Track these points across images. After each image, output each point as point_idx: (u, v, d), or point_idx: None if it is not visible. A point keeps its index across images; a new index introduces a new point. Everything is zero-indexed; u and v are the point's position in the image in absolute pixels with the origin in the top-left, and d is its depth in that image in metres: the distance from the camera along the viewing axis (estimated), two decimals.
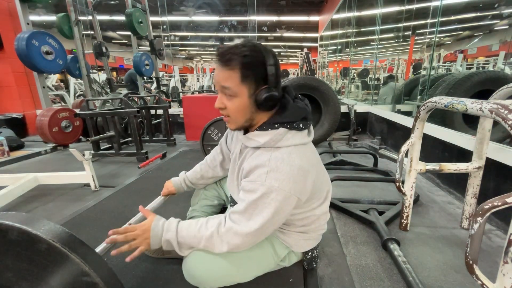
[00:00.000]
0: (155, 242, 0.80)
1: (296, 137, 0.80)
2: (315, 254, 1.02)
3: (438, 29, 2.60)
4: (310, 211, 0.89)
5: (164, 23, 8.32)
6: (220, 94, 0.79)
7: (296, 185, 0.75)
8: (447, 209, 1.56)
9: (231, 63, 0.73)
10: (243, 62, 0.73)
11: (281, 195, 0.73)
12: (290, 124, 0.80)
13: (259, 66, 0.75)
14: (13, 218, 0.57)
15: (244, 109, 0.78)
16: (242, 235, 0.75)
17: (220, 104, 0.79)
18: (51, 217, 1.55)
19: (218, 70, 0.77)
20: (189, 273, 0.84)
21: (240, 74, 0.74)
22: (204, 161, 1.20)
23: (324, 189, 0.92)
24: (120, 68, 16.54)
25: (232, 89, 0.75)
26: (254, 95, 0.77)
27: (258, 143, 0.80)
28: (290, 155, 0.76)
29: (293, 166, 0.75)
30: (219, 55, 0.75)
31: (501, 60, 4.18)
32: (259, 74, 0.75)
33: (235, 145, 0.98)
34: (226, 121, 0.83)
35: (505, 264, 0.67)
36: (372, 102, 4.39)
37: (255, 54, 0.74)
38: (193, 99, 3.34)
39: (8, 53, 3.64)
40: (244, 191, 0.78)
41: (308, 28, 13.72)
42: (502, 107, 0.78)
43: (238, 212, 0.77)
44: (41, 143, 3.18)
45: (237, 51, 0.73)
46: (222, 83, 0.76)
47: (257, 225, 0.74)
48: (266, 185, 0.73)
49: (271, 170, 0.74)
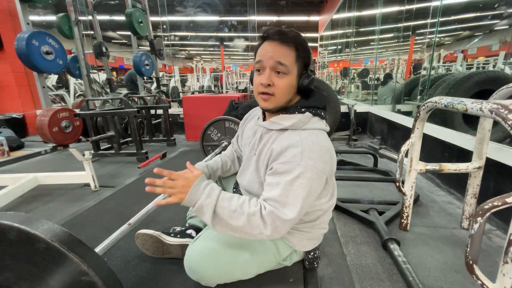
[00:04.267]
0: (190, 201, 0.75)
1: (320, 123, 0.84)
2: (317, 255, 1.02)
3: (438, 29, 2.60)
4: (319, 205, 0.89)
5: (164, 23, 8.32)
6: (270, 71, 0.79)
7: (325, 164, 0.78)
8: (447, 209, 1.55)
9: (291, 41, 0.78)
10: (299, 44, 0.79)
11: (315, 173, 0.74)
12: (314, 110, 0.84)
13: (307, 53, 0.81)
14: (12, 218, 0.57)
15: (290, 87, 0.81)
16: (285, 221, 0.72)
17: (268, 81, 0.78)
18: (51, 217, 1.55)
19: (274, 46, 0.78)
20: (191, 268, 0.84)
21: (295, 54, 0.79)
22: (223, 155, 1.18)
23: (332, 184, 0.93)
24: (120, 68, 16.55)
25: (288, 66, 0.78)
26: (299, 77, 0.82)
27: (284, 125, 0.82)
28: (318, 136, 0.80)
29: (322, 146, 0.78)
30: (279, 33, 0.78)
31: (501, 60, 4.18)
32: (306, 58, 0.81)
33: (248, 135, 0.99)
34: (265, 99, 0.81)
35: (505, 264, 0.67)
36: (372, 102, 4.39)
37: (305, 42, 0.81)
38: (193, 99, 3.34)
39: (8, 53, 3.64)
40: (277, 174, 0.76)
41: (308, 28, 13.73)
42: (502, 107, 0.78)
43: (273, 197, 0.74)
44: (41, 143, 3.18)
45: (294, 34, 0.79)
46: (279, 59, 0.77)
47: (298, 208, 0.73)
48: (302, 164, 0.73)
49: (304, 150, 0.75)
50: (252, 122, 1.03)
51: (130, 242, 1.20)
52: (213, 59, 21.92)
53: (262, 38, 0.82)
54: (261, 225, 0.73)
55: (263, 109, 0.89)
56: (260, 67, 0.80)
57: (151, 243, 1.09)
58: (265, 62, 0.78)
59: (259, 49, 0.82)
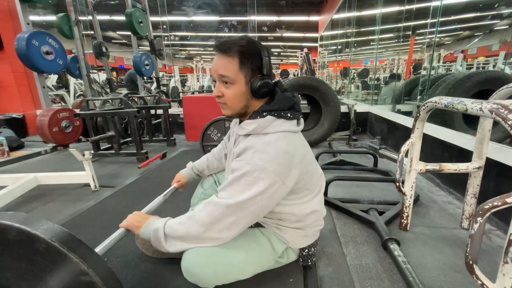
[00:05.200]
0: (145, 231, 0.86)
1: (284, 125, 0.84)
2: (312, 252, 1.02)
3: (438, 29, 2.60)
4: (302, 204, 0.90)
5: (164, 23, 8.32)
6: (218, 82, 0.83)
7: (280, 167, 0.77)
8: (447, 209, 1.55)
9: (230, 51, 0.79)
10: (242, 51, 0.79)
11: (264, 174, 0.75)
12: (277, 113, 0.84)
13: (255, 56, 0.81)
14: (12, 218, 0.57)
15: (240, 95, 0.83)
16: (222, 206, 0.76)
17: (218, 92, 0.83)
18: (51, 217, 1.55)
19: (217, 58, 0.82)
20: (188, 271, 0.84)
21: (238, 62, 0.79)
22: (211, 153, 1.26)
23: (316, 182, 0.93)
24: (120, 68, 16.54)
25: (231, 77, 0.80)
26: (250, 83, 0.82)
27: (248, 130, 0.84)
28: (277, 139, 0.80)
29: (278, 148, 0.78)
30: (219, 45, 0.80)
31: (501, 60, 4.18)
32: (255, 63, 0.81)
33: (231, 139, 1.02)
34: (222, 107, 0.87)
35: (505, 264, 0.67)
36: (372, 102, 4.39)
37: (252, 45, 0.80)
38: (193, 99, 3.34)
39: (8, 53, 3.64)
40: (231, 171, 0.81)
41: (308, 28, 13.71)
42: (502, 107, 0.78)
43: (221, 189, 0.80)
44: (41, 143, 3.18)
45: (236, 41, 0.80)
46: (221, 71, 0.80)
47: (238, 199, 0.76)
48: (250, 163, 0.76)
49: (257, 151, 0.78)
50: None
51: (130, 242, 1.20)
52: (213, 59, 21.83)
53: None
54: (200, 216, 0.78)
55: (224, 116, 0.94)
56: (213, 79, 0.85)
57: (151, 243, 1.09)
58: (213, 75, 0.84)
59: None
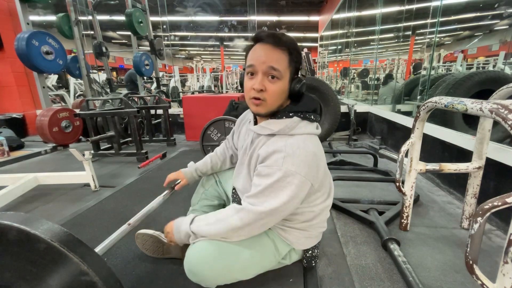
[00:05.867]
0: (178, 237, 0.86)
1: (309, 127, 0.83)
2: (316, 254, 1.02)
3: (438, 29, 2.60)
4: (314, 206, 0.89)
5: (164, 23, 8.32)
6: (262, 76, 0.77)
7: (311, 170, 0.77)
8: (447, 209, 1.55)
9: (283, 45, 0.76)
10: (292, 48, 0.78)
11: (297, 179, 0.75)
12: (303, 114, 0.83)
13: (299, 56, 0.81)
14: (11, 218, 0.57)
15: (282, 93, 0.80)
16: (256, 213, 0.76)
17: (261, 86, 0.77)
18: (51, 217, 1.55)
19: (266, 50, 0.76)
20: (191, 270, 0.84)
21: (289, 58, 0.78)
22: (214, 153, 1.21)
23: (328, 185, 0.93)
24: (120, 68, 16.54)
25: (281, 71, 0.76)
26: (291, 82, 0.81)
27: (272, 130, 0.82)
28: (305, 141, 0.79)
29: (308, 152, 0.77)
30: (272, 35, 0.76)
31: (501, 60, 4.17)
32: (297, 63, 0.81)
33: (244, 138, 0.99)
34: (257, 104, 0.80)
35: (505, 264, 0.67)
36: (372, 102, 4.39)
37: (296, 44, 0.79)
38: (193, 99, 3.34)
39: (8, 53, 3.64)
40: (260, 176, 0.79)
41: (308, 28, 13.70)
42: (502, 107, 0.78)
43: (253, 196, 0.78)
44: (41, 143, 3.18)
45: (286, 37, 0.77)
46: (272, 63, 0.75)
47: (272, 206, 0.75)
48: (283, 169, 0.74)
49: (287, 155, 0.75)
50: (246, 126, 1.03)
51: (130, 242, 1.20)
52: (213, 59, 21.90)
53: (254, 40, 0.80)
54: (233, 220, 0.79)
55: (254, 113, 0.88)
56: (252, 71, 0.78)
57: (151, 243, 1.10)
58: (258, 67, 0.77)
59: (251, 52, 0.80)
